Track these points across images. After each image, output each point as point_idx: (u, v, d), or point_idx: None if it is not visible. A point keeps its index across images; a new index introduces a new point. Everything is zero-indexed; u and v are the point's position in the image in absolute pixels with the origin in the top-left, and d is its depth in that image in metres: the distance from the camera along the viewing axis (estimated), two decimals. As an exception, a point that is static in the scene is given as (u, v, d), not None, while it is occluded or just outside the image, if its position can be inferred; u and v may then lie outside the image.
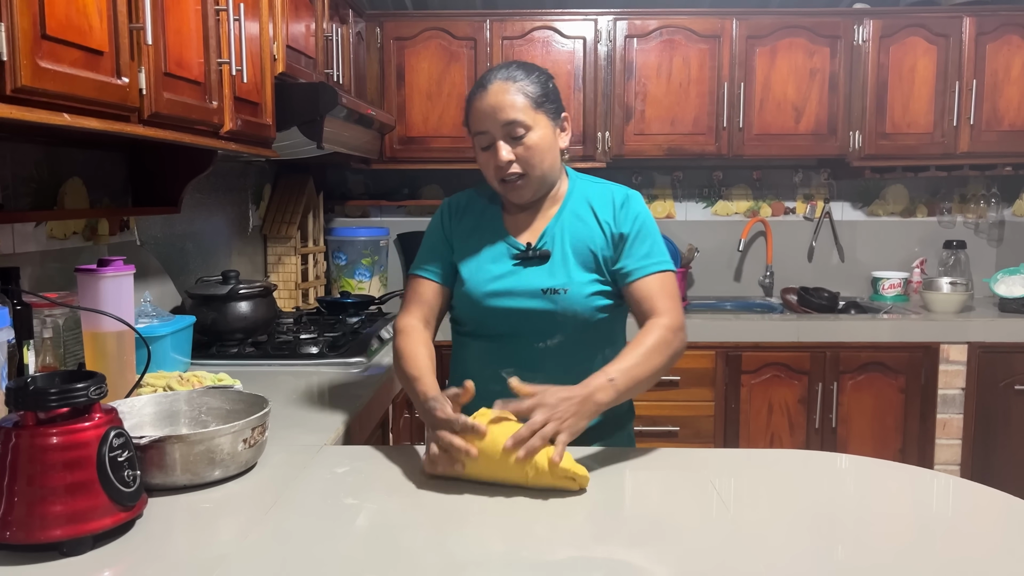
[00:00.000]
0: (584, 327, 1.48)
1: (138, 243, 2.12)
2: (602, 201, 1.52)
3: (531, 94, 1.45)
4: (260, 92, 1.96)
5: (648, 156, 3.25)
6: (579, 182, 1.58)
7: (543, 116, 1.46)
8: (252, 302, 2.22)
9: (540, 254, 1.50)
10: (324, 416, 1.65)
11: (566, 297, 1.47)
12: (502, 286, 1.50)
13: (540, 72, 1.50)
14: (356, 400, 1.78)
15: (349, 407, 1.71)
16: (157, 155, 2.06)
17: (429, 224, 1.64)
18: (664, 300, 1.45)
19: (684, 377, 3.00)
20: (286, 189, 3.17)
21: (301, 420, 1.62)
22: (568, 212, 1.53)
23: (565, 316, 1.47)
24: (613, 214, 1.50)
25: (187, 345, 2.06)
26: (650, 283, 1.46)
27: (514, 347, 1.50)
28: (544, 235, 1.52)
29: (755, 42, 3.19)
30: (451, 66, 3.19)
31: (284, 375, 2.03)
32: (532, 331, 1.49)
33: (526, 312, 1.48)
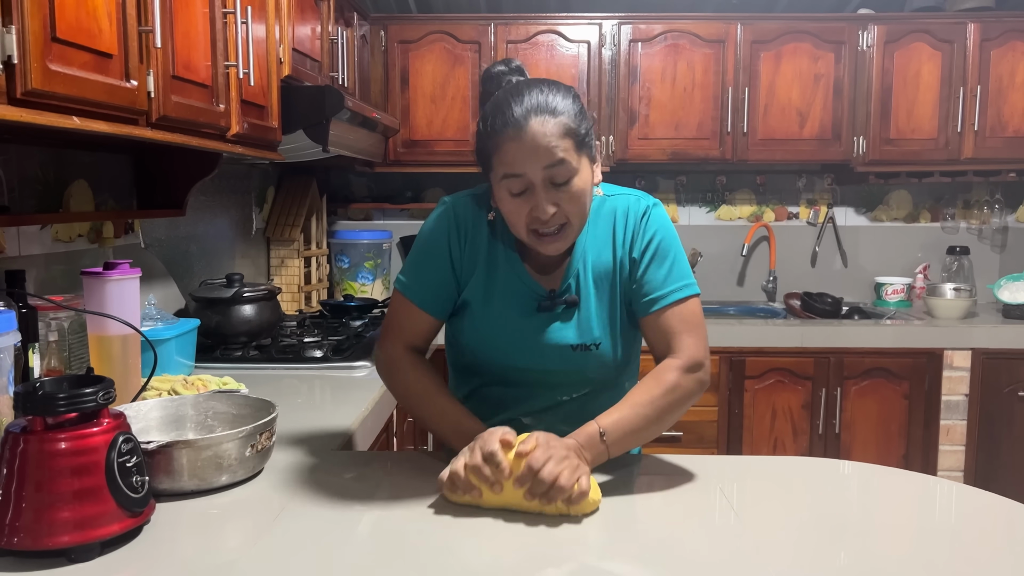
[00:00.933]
0: (615, 376, 1.36)
1: (142, 246, 2.12)
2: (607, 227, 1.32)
3: (574, 130, 1.20)
4: (266, 95, 1.96)
5: (652, 160, 3.25)
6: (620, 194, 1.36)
7: (583, 157, 1.22)
8: (256, 305, 2.22)
9: (568, 301, 1.31)
10: (329, 421, 1.64)
11: (598, 354, 1.31)
12: (525, 341, 1.32)
13: (574, 96, 1.25)
14: (361, 404, 1.77)
15: (354, 411, 1.71)
16: (162, 158, 2.05)
17: (427, 233, 1.36)
18: (682, 337, 1.27)
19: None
20: (289, 192, 3.17)
21: (307, 425, 1.61)
22: (590, 238, 1.32)
23: (596, 371, 1.33)
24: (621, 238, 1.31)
25: (191, 348, 2.06)
26: (669, 318, 1.28)
27: (537, 397, 1.36)
28: (568, 275, 1.32)
29: (760, 47, 3.19)
30: (455, 69, 3.19)
31: (288, 379, 2.03)
32: (556, 385, 1.35)
33: (552, 371, 1.33)
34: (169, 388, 1.79)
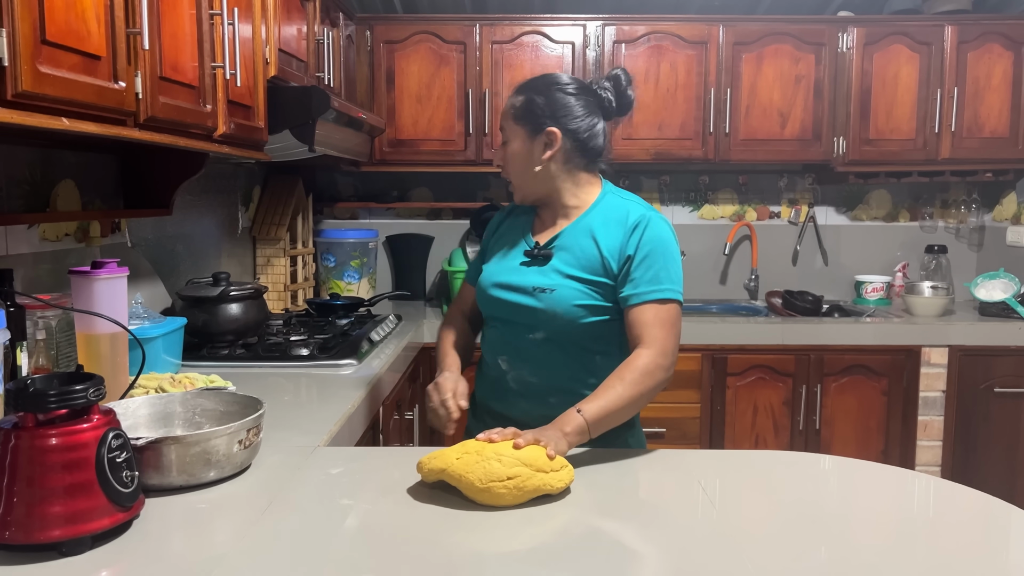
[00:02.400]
0: (568, 328, 1.52)
1: (129, 245, 2.13)
2: (618, 218, 1.53)
3: (515, 106, 1.57)
4: (252, 95, 1.97)
5: (635, 160, 3.29)
6: (608, 196, 1.58)
7: (520, 129, 1.56)
8: (243, 304, 2.23)
9: (543, 254, 1.56)
10: (316, 418, 1.66)
11: (551, 297, 1.52)
12: (505, 279, 1.60)
13: (535, 88, 1.57)
14: (347, 401, 1.79)
15: (340, 408, 1.73)
16: (148, 157, 2.06)
17: None
18: (654, 329, 1.45)
19: (671, 379, 3.03)
20: (275, 191, 3.18)
21: (293, 422, 1.63)
22: (585, 222, 1.56)
23: (547, 315, 1.52)
24: (624, 234, 1.50)
25: (178, 347, 2.07)
26: (645, 312, 1.47)
27: (511, 335, 1.60)
28: (556, 238, 1.57)
29: (742, 48, 3.23)
30: (441, 69, 3.21)
31: (275, 376, 2.04)
32: (522, 323, 1.57)
33: (515, 305, 1.57)
34: (156, 386, 1.80)
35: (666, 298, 1.47)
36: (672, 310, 1.48)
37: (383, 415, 2.22)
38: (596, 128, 1.56)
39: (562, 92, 1.54)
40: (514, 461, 1.17)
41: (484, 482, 1.15)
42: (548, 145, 1.54)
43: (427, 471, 1.22)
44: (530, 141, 1.55)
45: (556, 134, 1.52)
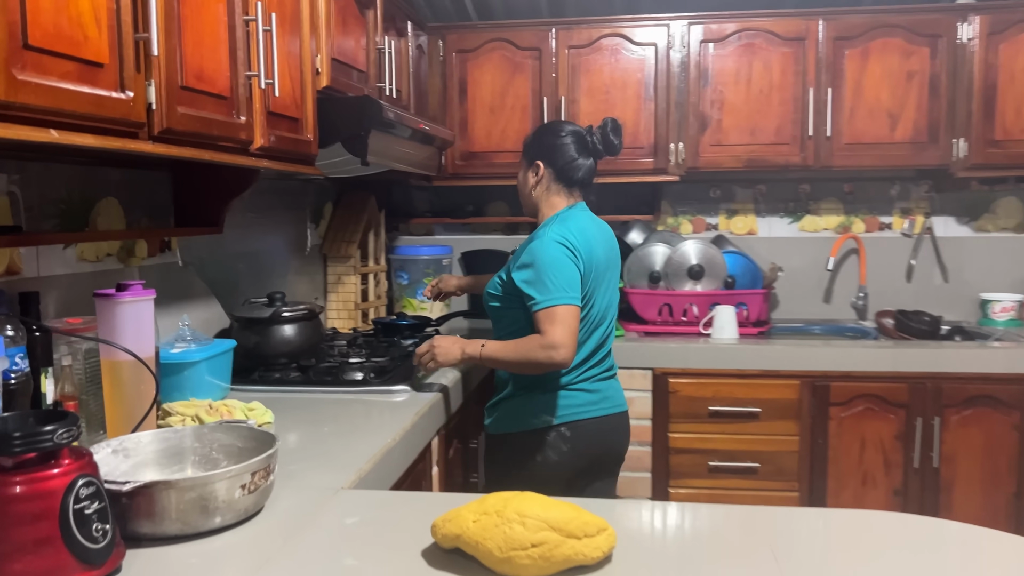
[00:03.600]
0: (490, 312, 2.07)
1: (180, 264, 2.06)
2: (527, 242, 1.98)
3: (524, 144, 2.11)
4: (300, 107, 1.87)
5: (726, 168, 3.03)
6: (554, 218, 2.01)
7: (523, 162, 2.10)
8: (296, 325, 2.13)
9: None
10: (352, 452, 1.52)
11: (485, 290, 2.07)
12: None
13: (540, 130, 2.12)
14: (391, 432, 1.65)
15: (381, 441, 1.58)
16: (201, 174, 2.00)
17: None
18: (544, 324, 1.86)
19: (765, 408, 2.76)
20: (348, 207, 3.11)
21: (327, 455, 1.50)
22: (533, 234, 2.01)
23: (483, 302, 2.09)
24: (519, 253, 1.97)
25: (226, 370, 1.98)
26: (537, 315, 1.87)
27: None
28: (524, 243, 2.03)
29: (844, 44, 2.93)
30: (515, 78, 3.07)
31: (324, 403, 1.93)
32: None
33: None
34: (193, 414, 1.71)
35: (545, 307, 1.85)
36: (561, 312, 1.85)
37: (439, 445, 2.07)
38: (577, 163, 2.02)
39: (555, 136, 2.03)
40: (540, 524, 0.98)
41: (504, 551, 0.97)
42: (534, 175, 2.05)
43: (441, 536, 1.04)
44: (525, 171, 2.08)
45: (540, 166, 2.03)
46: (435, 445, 2.03)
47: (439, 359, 1.95)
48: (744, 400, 2.77)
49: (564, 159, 2.00)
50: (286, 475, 1.40)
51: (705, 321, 2.96)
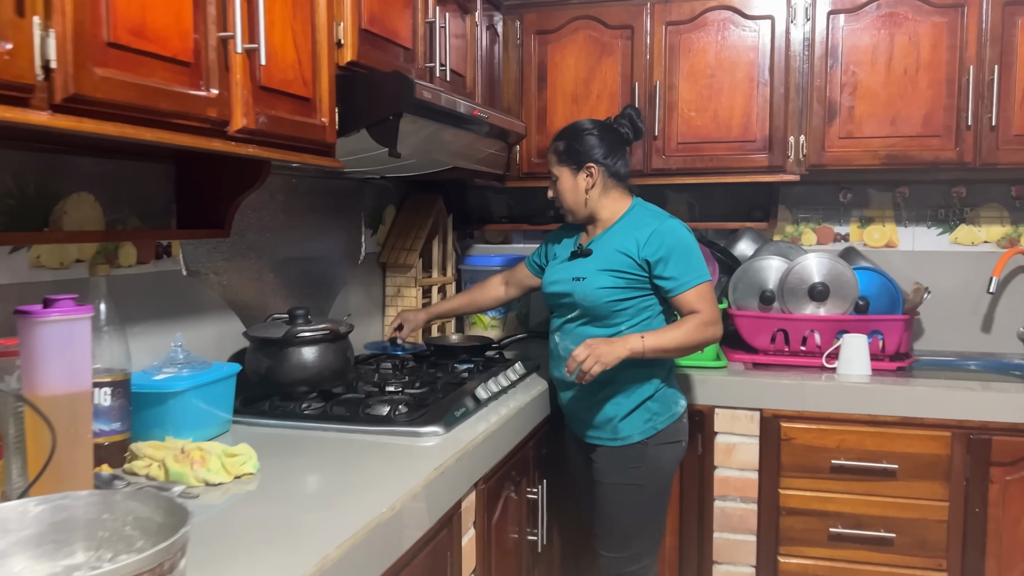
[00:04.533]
0: (595, 309, 1.96)
1: (184, 273, 1.76)
2: (639, 228, 1.97)
3: (556, 151, 2.04)
4: (310, 84, 1.53)
5: (859, 166, 2.49)
6: (636, 209, 2.04)
7: (563, 167, 2.03)
8: (317, 347, 1.79)
9: (584, 252, 2.02)
10: (333, 523, 1.15)
11: (583, 284, 1.97)
12: (557, 273, 2.07)
13: (572, 132, 2.04)
14: (394, 493, 1.27)
15: (376, 508, 1.21)
16: (201, 168, 1.70)
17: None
18: (698, 303, 1.92)
19: (905, 465, 2.20)
20: (411, 211, 2.77)
21: (295, 528, 1.14)
22: (614, 230, 2.01)
23: (582, 299, 1.97)
24: (642, 242, 1.94)
25: (227, 400, 1.67)
26: (686, 297, 1.93)
27: (561, 316, 2.06)
28: (593, 241, 2.04)
29: (1017, 9, 2.34)
30: (602, 61, 2.64)
31: (333, 444, 1.57)
32: (566, 307, 2.03)
33: (563, 293, 2.02)
34: (162, 458, 1.39)
35: (696, 284, 1.92)
36: (705, 288, 1.94)
37: (479, 502, 1.67)
38: (624, 158, 2.04)
39: (590, 135, 2.01)
40: None
41: None
42: (589, 177, 2.00)
43: None
44: (574, 177, 2.02)
45: (593, 168, 1.99)
46: (471, 503, 1.64)
47: (605, 360, 1.82)
48: (877, 454, 2.22)
49: (614, 156, 2.00)
50: (225, 559, 1.04)
51: (829, 352, 2.43)
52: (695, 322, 1.90)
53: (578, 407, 2.04)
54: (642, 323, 1.96)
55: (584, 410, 2.03)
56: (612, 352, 1.83)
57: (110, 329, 1.43)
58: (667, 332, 1.90)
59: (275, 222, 2.11)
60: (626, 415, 1.98)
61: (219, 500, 1.28)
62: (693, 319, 1.91)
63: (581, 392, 2.00)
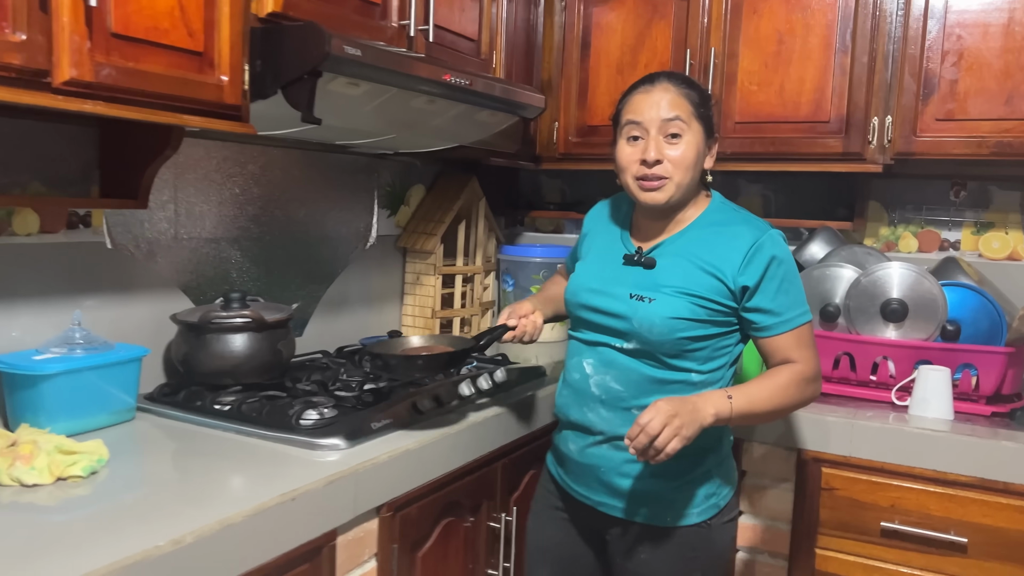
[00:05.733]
0: (662, 339, 1.42)
1: (109, 246, 1.63)
2: (732, 239, 1.43)
3: (694, 101, 1.44)
4: (199, 35, 1.33)
5: (959, 155, 1.98)
6: (720, 208, 1.51)
7: (699, 126, 1.44)
8: (236, 336, 1.61)
9: (645, 261, 1.47)
10: (97, 549, 0.96)
11: (648, 308, 1.42)
12: (600, 285, 1.50)
13: (698, 86, 1.48)
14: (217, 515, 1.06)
15: (171, 533, 1.00)
16: (119, 133, 1.56)
17: None
18: (799, 351, 1.43)
19: (977, 538, 1.71)
20: (440, 192, 2.54)
21: (54, 549, 0.95)
22: (694, 233, 1.47)
23: (641, 325, 1.42)
24: (739, 261, 1.41)
25: (128, 386, 1.52)
26: (785, 340, 1.43)
27: (601, 340, 1.49)
28: (660, 246, 1.49)
29: None
30: (652, 25, 2.27)
31: (223, 447, 1.40)
32: (614, 329, 1.46)
33: (609, 313, 1.47)
34: (6, 446, 1.26)
35: (800, 324, 1.43)
36: (808, 331, 1.45)
37: (391, 527, 1.43)
38: None
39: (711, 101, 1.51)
40: None
41: None
42: (711, 157, 1.50)
43: None
44: (705, 144, 1.47)
45: (716, 141, 1.51)
46: (368, 531, 1.39)
47: (686, 434, 1.27)
48: (944, 521, 1.74)
49: None
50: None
51: (901, 386, 1.95)
52: (795, 377, 1.41)
53: (600, 466, 1.48)
54: (718, 371, 1.46)
55: (611, 472, 1.47)
56: (695, 422, 1.29)
57: (-37, 301, 1.31)
58: (759, 390, 1.40)
59: (245, 196, 1.95)
60: (684, 486, 1.45)
61: (17, 503, 1.12)
62: (791, 372, 1.41)
63: (611, 449, 1.46)
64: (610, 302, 1.46)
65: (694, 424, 1.29)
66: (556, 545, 1.59)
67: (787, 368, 1.42)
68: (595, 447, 1.48)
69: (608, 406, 1.47)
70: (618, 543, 1.50)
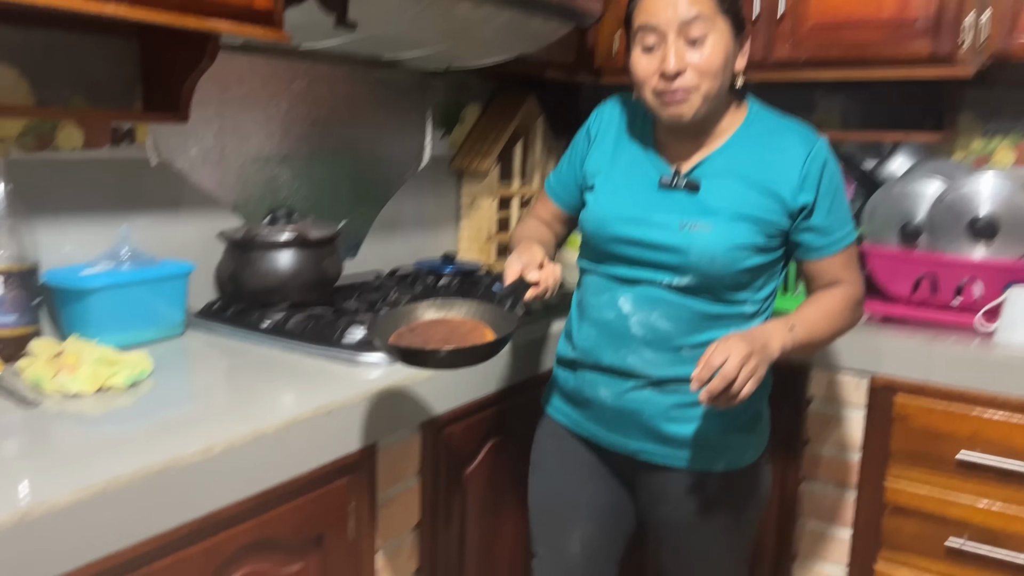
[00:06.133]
0: (722, 272, 1.25)
1: (154, 162, 1.62)
2: (783, 152, 1.26)
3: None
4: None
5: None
6: (762, 116, 1.32)
7: (725, 23, 1.21)
8: (280, 253, 1.59)
9: (689, 184, 1.27)
10: (125, 456, 0.95)
11: (706, 237, 1.24)
12: (637, 210, 1.30)
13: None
14: (263, 422, 1.05)
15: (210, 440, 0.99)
16: (159, 41, 1.53)
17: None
18: (849, 272, 1.32)
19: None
20: (497, 111, 2.45)
21: (83, 455, 0.95)
22: (738, 147, 1.29)
23: (701, 258, 1.25)
24: (797, 167, 1.25)
25: (175, 301, 1.53)
26: (837, 261, 1.30)
27: (643, 277, 1.30)
28: (701, 165, 1.29)
29: None
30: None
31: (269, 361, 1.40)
32: (659, 266, 1.28)
33: (656, 246, 1.27)
34: (49, 356, 1.27)
35: (852, 241, 1.32)
36: (855, 248, 1.34)
37: (433, 444, 1.41)
38: None
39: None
40: None
41: None
42: (743, 56, 1.27)
43: None
44: (734, 41, 1.24)
45: (747, 36, 1.27)
46: (410, 448, 1.38)
47: (760, 374, 1.14)
48: (1029, 452, 1.62)
49: None
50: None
51: (988, 309, 1.81)
52: (848, 300, 1.31)
53: (643, 411, 1.32)
54: (768, 300, 1.34)
55: (657, 417, 1.31)
56: (767, 360, 1.16)
57: (10, 215, 1.31)
58: (817, 317, 1.28)
59: (293, 114, 1.91)
60: (737, 429, 1.33)
61: (60, 413, 1.13)
62: (844, 296, 1.31)
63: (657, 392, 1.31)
64: (657, 233, 1.26)
65: (766, 362, 1.16)
66: (592, 496, 1.43)
67: (838, 291, 1.31)
68: (636, 391, 1.32)
69: (654, 347, 1.30)
70: (657, 492, 1.37)
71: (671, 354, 1.30)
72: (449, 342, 1.15)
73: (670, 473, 1.34)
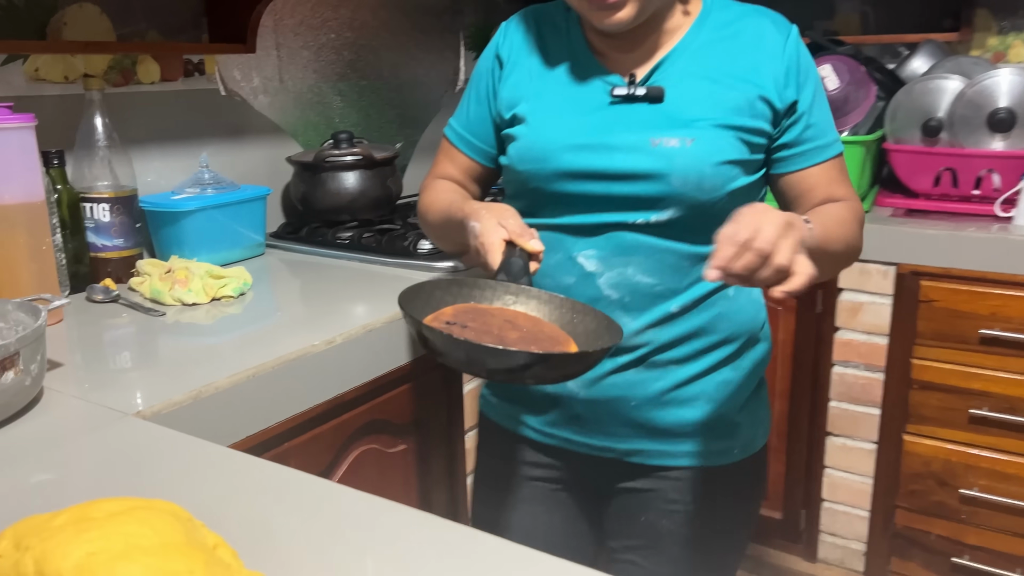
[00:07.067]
0: (712, 203, 0.97)
1: (223, 92, 1.72)
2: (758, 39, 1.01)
3: None
4: None
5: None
6: (719, 4, 1.04)
7: None
8: (349, 174, 1.70)
9: (651, 91, 0.98)
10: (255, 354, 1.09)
11: (688, 153, 0.96)
12: (589, 137, 0.99)
13: None
14: (356, 322, 1.18)
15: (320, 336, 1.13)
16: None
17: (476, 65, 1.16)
18: (845, 186, 1.05)
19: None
20: (524, 31, 2.51)
21: (217, 357, 1.09)
22: (701, 39, 1.01)
23: (685, 180, 0.96)
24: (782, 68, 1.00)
25: (256, 222, 1.64)
26: (828, 170, 1.04)
27: (606, 222, 1.00)
28: (661, 67, 1.01)
29: None
30: None
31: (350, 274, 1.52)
32: (629, 201, 0.98)
33: (625, 175, 0.97)
34: (161, 274, 1.40)
35: (842, 150, 1.06)
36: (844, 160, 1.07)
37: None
38: None
39: None
40: None
41: None
42: None
43: None
44: None
45: None
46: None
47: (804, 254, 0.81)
48: (1045, 326, 1.76)
49: None
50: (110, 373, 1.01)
51: (1006, 198, 1.92)
52: (855, 214, 1.02)
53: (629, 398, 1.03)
54: None
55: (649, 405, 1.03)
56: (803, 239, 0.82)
57: (108, 145, 1.42)
58: (828, 222, 0.96)
59: (340, 41, 1.99)
60: (749, 401, 1.09)
61: (185, 319, 1.26)
62: (851, 209, 1.02)
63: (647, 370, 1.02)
64: (622, 158, 0.97)
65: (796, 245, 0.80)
66: (548, 530, 1.14)
67: (842, 204, 1.02)
68: (619, 374, 1.02)
69: (634, 310, 1.00)
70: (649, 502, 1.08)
71: (658, 316, 1.01)
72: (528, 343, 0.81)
73: (670, 474, 1.06)
